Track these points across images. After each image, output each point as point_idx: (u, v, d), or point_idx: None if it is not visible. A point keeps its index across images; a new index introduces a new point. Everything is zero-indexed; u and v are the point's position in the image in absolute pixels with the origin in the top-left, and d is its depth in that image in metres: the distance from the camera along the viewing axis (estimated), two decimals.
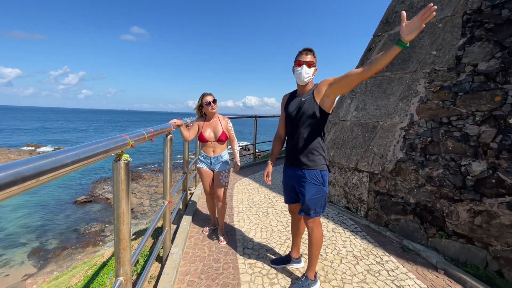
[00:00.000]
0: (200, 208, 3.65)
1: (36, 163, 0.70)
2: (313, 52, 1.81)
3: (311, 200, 1.84)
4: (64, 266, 7.57)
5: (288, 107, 1.92)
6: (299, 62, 1.78)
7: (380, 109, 3.43)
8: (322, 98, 1.74)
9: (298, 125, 1.84)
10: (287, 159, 1.99)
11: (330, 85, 1.71)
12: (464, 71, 2.71)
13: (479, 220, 2.34)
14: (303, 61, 1.77)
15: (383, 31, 3.81)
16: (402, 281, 2.16)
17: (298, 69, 1.79)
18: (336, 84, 1.68)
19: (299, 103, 1.85)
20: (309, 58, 1.77)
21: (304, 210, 1.90)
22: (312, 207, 1.86)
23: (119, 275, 1.31)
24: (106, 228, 9.82)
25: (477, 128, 2.48)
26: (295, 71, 1.82)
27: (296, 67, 1.80)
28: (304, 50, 1.81)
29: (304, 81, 1.81)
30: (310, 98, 1.79)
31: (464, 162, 2.50)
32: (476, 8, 2.78)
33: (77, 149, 0.92)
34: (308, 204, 1.85)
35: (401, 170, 2.98)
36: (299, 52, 1.82)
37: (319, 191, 1.84)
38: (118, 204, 1.26)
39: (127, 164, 1.25)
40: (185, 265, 2.30)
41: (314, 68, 1.81)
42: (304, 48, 1.82)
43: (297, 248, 2.26)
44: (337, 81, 1.67)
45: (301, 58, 1.78)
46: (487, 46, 2.59)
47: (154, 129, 1.71)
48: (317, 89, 1.78)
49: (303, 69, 1.77)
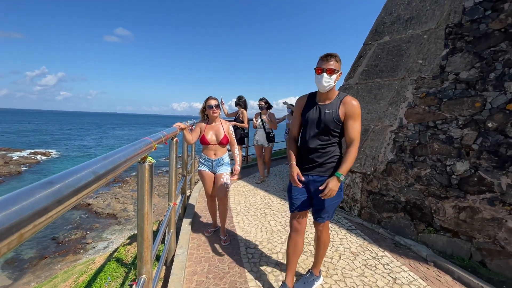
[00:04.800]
0: (198, 210, 3.68)
1: (75, 176, 0.62)
2: (336, 56, 1.68)
3: (330, 206, 1.83)
4: (42, 276, 7.21)
5: (308, 115, 1.81)
6: (319, 69, 1.68)
7: (371, 113, 3.64)
8: (344, 116, 1.73)
9: (318, 134, 1.77)
10: (304, 165, 1.86)
11: (346, 117, 1.72)
12: (447, 79, 2.96)
13: (463, 215, 2.56)
14: (323, 68, 1.66)
15: (372, 40, 4.05)
16: (397, 273, 2.32)
17: (318, 77, 1.69)
18: (345, 124, 1.73)
19: (320, 114, 1.75)
20: (331, 65, 1.65)
21: (321, 215, 1.87)
22: (330, 212, 1.87)
23: (142, 274, 1.35)
24: (88, 235, 9.43)
25: (460, 131, 2.72)
26: (316, 78, 1.71)
27: (317, 74, 1.70)
28: (326, 55, 1.69)
29: (325, 90, 1.71)
30: (335, 113, 1.72)
31: (449, 163, 2.73)
32: (457, 22, 3.05)
33: (113, 155, 0.93)
34: (327, 210, 1.84)
35: (391, 171, 3.18)
36: (320, 58, 1.71)
37: (338, 197, 1.80)
38: (142, 205, 1.31)
39: (151, 165, 1.31)
40: (191, 265, 2.34)
41: (337, 75, 1.69)
42: (325, 54, 1.70)
43: (292, 274, 1.98)
44: (346, 125, 1.73)
45: (321, 64, 1.67)
46: (468, 57, 2.85)
47: (167, 132, 1.77)
48: (343, 107, 1.72)
49: (323, 77, 1.66)
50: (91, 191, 0.64)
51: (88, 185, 0.62)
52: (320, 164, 1.79)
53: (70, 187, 0.54)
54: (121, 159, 0.86)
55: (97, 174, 0.67)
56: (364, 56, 4.06)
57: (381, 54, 3.84)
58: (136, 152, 1.04)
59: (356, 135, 1.71)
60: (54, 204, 0.47)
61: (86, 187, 0.61)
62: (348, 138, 1.74)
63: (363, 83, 3.92)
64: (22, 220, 0.40)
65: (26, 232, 0.40)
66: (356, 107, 1.70)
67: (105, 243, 8.93)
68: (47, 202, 0.45)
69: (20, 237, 0.38)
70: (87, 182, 0.62)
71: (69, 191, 0.53)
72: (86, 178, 0.62)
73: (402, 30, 3.70)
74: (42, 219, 0.43)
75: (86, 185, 0.61)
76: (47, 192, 0.47)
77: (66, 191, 0.52)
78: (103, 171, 0.72)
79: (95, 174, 0.66)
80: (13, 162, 19.66)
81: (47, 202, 0.45)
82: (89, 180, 0.63)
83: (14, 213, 0.39)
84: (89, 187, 0.63)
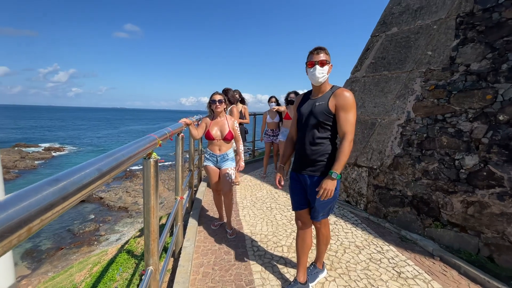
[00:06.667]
0: (205, 204, 3.75)
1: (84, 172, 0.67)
2: (325, 50, 1.71)
3: (323, 206, 1.80)
4: (59, 266, 7.54)
5: (301, 109, 1.83)
6: (311, 62, 1.70)
7: (378, 107, 3.58)
8: (336, 109, 1.70)
9: (309, 129, 1.76)
10: (297, 163, 1.88)
11: (337, 109, 1.68)
12: (457, 70, 2.88)
13: (471, 210, 2.53)
14: (315, 61, 1.68)
15: (380, 32, 3.96)
16: (402, 267, 2.32)
17: (311, 70, 1.71)
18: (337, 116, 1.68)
19: (312, 106, 1.76)
20: (322, 57, 1.68)
21: (315, 214, 1.85)
22: (325, 211, 1.84)
23: (149, 265, 1.41)
24: (101, 228, 9.77)
25: (470, 125, 2.65)
26: (308, 72, 1.73)
27: (309, 68, 1.72)
28: (315, 49, 1.72)
29: (319, 81, 1.72)
30: (324, 104, 1.70)
31: (458, 157, 2.67)
32: (469, 11, 2.94)
33: (118, 152, 0.99)
34: (320, 209, 1.81)
35: (398, 165, 3.15)
36: (310, 52, 1.74)
37: (333, 196, 1.73)
38: (148, 199, 1.35)
39: (156, 161, 1.35)
40: (198, 257, 2.41)
41: (329, 66, 1.71)
42: (314, 48, 1.73)
43: (304, 270, 1.97)
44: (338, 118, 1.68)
45: (312, 58, 1.70)
46: (479, 48, 2.76)
47: (172, 128, 1.80)
48: (334, 98, 1.69)
49: (316, 69, 1.68)
50: (96, 187, 0.67)
51: (92, 182, 0.66)
52: (311, 162, 1.76)
53: (75, 184, 0.58)
54: (125, 156, 0.90)
55: (101, 171, 0.70)
56: (371, 49, 3.98)
57: (388, 46, 3.75)
58: (140, 149, 1.08)
59: (348, 128, 1.65)
60: (60, 201, 0.51)
61: (91, 184, 0.65)
62: (340, 131, 1.69)
63: (370, 76, 3.85)
64: (31, 215, 0.43)
65: (34, 226, 0.43)
66: (348, 98, 1.66)
67: (118, 235, 9.24)
68: (53, 199, 0.49)
69: (28, 230, 0.42)
70: (92, 179, 0.66)
71: (74, 188, 0.57)
72: (90, 175, 0.66)
73: (411, 20, 3.60)
74: (48, 214, 0.47)
75: (90, 182, 0.65)
76: (54, 189, 0.51)
77: (71, 188, 0.56)
78: (107, 168, 0.76)
79: (100, 171, 0.70)
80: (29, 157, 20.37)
81: (53, 199, 0.49)
82: (93, 177, 0.66)
83: (23, 208, 0.42)
84: (93, 183, 0.66)
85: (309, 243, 1.95)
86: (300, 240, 1.94)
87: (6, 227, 0.38)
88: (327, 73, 1.71)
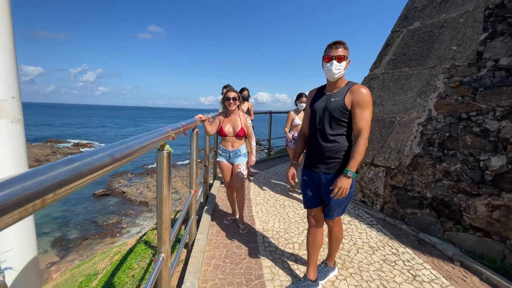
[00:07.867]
0: (219, 200, 3.82)
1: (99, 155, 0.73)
2: (344, 44, 1.62)
3: (337, 204, 1.77)
4: (84, 255, 8.02)
5: (314, 104, 1.77)
6: (328, 57, 1.62)
7: (398, 105, 3.46)
8: (352, 105, 1.65)
9: (323, 125, 1.71)
10: (309, 160, 1.83)
11: (353, 105, 1.63)
12: (485, 66, 2.71)
13: (497, 214, 2.37)
14: (332, 55, 1.60)
15: (401, 27, 3.81)
16: (418, 270, 2.24)
17: (327, 65, 1.63)
18: (353, 113, 1.63)
19: (326, 102, 1.70)
20: (340, 52, 1.60)
21: (329, 212, 1.82)
22: (340, 209, 1.82)
23: (161, 252, 1.48)
24: (123, 221, 10.25)
25: (497, 123, 2.49)
26: (324, 67, 1.65)
27: (325, 62, 1.64)
28: (334, 43, 1.63)
29: (335, 77, 1.65)
30: (340, 100, 1.64)
31: (483, 157, 2.52)
32: (499, 3, 2.75)
33: (131, 140, 1.05)
34: (335, 208, 1.78)
35: (418, 165, 3.02)
36: (328, 46, 1.64)
37: (347, 195, 1.68)
38: (160, 189, 1.42)
39: (169, 153, 1.41)
40: (210, 250, 2.48)
41: (346, 62, 1.63)
42: (333, 41, 1.64)
43: (314, 267, 1.95)
44: (354, 114, 1.63)
45: (330, 52, 1.62)
46: (509, 41, 2.58)
47: (186, 123, 1.87)
48: (350, 94, 1.64)
49: (332, 64, 1.60)
50: (107, 171, 0.73)
51: (104, 166, 0.71)
52: (325, 159, 1.71)
53: (88, 165, 0.63)
54: (138, 145, 0.95)
55: (113, 157, 0.76)
56: (391, 44, 3.84)
57: (410, 41, 3.60)
58: (152, 140, 1.13)
59: (364, 125, 1.60)
60: (73, 179, 0.56)
61: (103, 168, 0.70)
62: (355, 128, 1.64)
63: (390, 73, 3.72)
64: (45, 188, 0.48)
65: (48, 199, 0.49)
66: (365, 95, 1.60)
67: (138, 229, 9.65)
68: (66, 176, 0.54)
69: (42, 202, 0.47)
70: (104, 163, 0.71)
71: (86, 169, 0.62)
72: (103, 159, 0.71)
73: (435, 14, 3.43)
74: (61, 190, 0.52)
75: (102, 166, 0.70)
76: (68, 168, 0.56)
77: (83, 169, 0.61)
78: (120, 155, 0.81)
79: (112, 156, 0.75)
80: (60, 151, 21.77)
81: (66, 176, 0.54)
82: (105, 161, 0.72)
83: (40, 182, 0.48)
84: (105, 167, 0.72)
85: (320, 241, 1.94)
86: (311, 238, 1.93)
87: (24, 196, 0.43)
88: (344, 69, 1.64)
